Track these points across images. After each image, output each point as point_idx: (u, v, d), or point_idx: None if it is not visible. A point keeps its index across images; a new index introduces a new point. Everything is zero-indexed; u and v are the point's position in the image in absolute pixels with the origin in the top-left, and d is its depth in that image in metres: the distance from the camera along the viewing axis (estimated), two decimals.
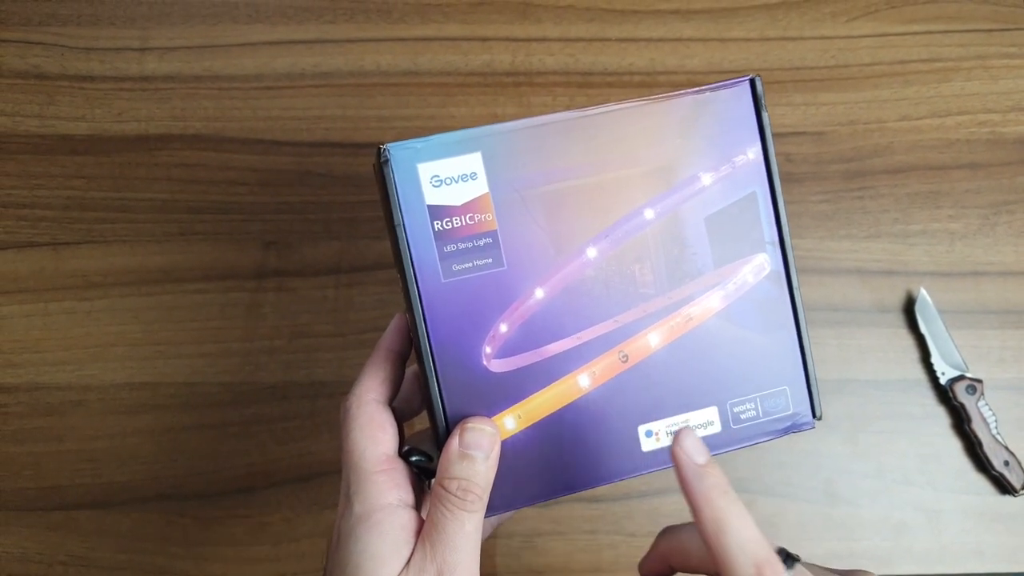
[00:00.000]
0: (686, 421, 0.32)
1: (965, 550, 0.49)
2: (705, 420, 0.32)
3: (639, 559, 0.34)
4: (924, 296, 0.51)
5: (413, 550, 0.29)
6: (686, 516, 0.47)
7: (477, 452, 0.29)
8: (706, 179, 0.31)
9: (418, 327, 0.30)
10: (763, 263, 0.32)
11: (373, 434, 0.30)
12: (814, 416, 0.33)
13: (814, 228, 0.53)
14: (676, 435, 0.28)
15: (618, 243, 0.31)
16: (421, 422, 0.36)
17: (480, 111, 0.55)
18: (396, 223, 0.29)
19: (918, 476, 0.50)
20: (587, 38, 0.56)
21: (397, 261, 0.30)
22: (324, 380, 0.51)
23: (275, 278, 0.52)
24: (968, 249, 0.53)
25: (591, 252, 0.31)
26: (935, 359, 0.50)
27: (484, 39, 0.56)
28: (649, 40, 0.56)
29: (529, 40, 0.56)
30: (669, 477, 0.49)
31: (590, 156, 0.31)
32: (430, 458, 0.32)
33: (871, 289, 0.52)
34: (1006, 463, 0.49)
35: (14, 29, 0.56)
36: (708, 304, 0.32)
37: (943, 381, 0.50)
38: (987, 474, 0.50)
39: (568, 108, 0.53)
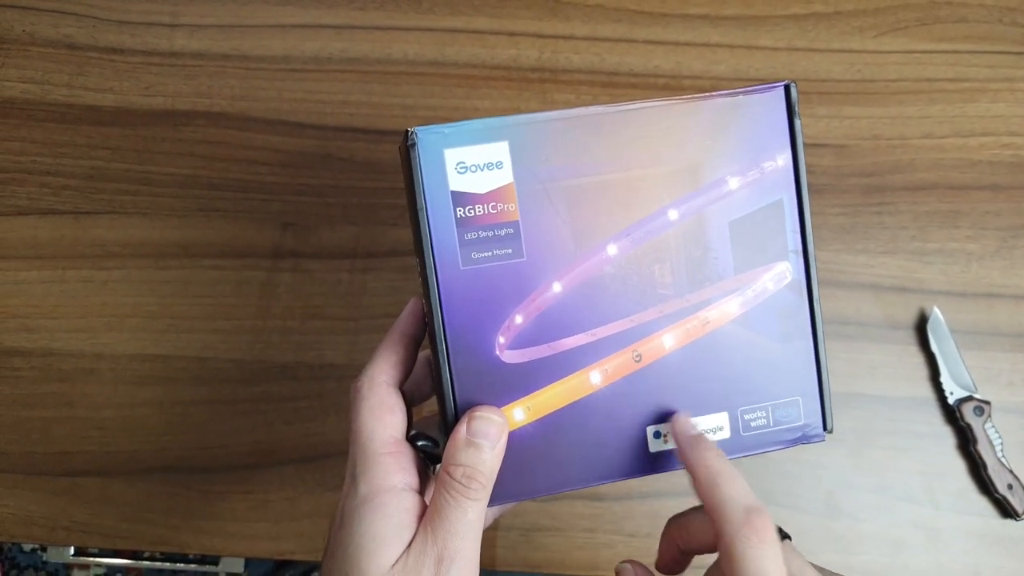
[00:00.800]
0: (695, 425, 0.32)
1: (963, 571, 0.49)
2: (715, 425, 0.32)
3: (638, 560, 0.34)
4: (937, 315, 0.51)
5: (415, 534, 0.29)
6: None
7: (484, 441, 0.29)
8: (733, 183, 0.31)
9: (433, 312, 0.30)
10: (785, 271, 0.32)
11: (382, 416, 0.31)
12: (825, 429, 0.33)
13: (831, 241, 0.53)
14: (673, 417, 0.30)
15: (639, 242, 0.31)
16: (429, 407, 0.36)
17: (504, 105, 0.55)
18: (419, 207, 0.29)
19: (920, 494, 0.50)
20: (614, 38, 0.56)
21: (417, 245, 0.30)
22: (334, 363, 0.51)
23: (291, 259, 0.52)
24: (984, 271, 0.53)
25: (611, 249, 0.31)
26: (944, 378, 0.50)
27: (512, 34, 0.56)
28: (676, 44, 0.56)
29: (556, 37, 0.56)
30: (671, 479, 0.49)
31: (617, 152, 0.30)
32: (436, 443, 0.32)
33: (884, 305, 0.52)
34: (1010, 487, 0.49)
35: None
36: (726, 309, 0.32)
37: (951, 401, 0.50)
38: (990, 496, 0.49)
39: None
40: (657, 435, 0.32)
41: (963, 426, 0.50)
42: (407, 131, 0.29)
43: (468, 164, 0.29)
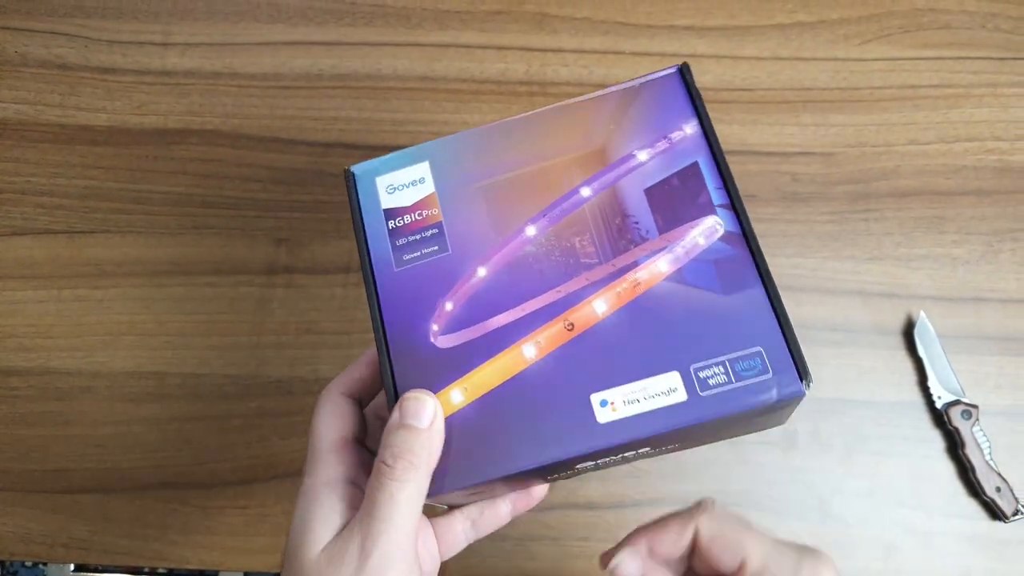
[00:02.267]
0: (644, 388, 0.30)
1: (954, 574, 0.49)
2: (667, 387, 0.30)
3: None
4: (924, 320, 0.52)
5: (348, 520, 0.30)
6: None
7: (415, 421, 0.29)
8: (642, 155, 0.33)
9: (373, 315, 0.32)
10: (715, 225, 0.32)
11: (332, 420, 0.33)
12: (801, 380, 0.30)
13: (818, 248, 0.54)
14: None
15: (556, 220, 0.33)
16: None
17: (493, 118, 0.55)
18: (359, 227, 0.34)
19: (910, 498, 0.50)
20: (601, 51, 0.57)
21: (361, 262, 0.34)
22: (329, 377, 0.51)
23: (285, 275, 0.53)
24: (970, 275, 0.54)
25: (530, 230, 0.33)
26: (932, 383, 0.51)
27: (500, 48, 0.57)
28: (663, 55, 0.57)
29: (544, 50, 0.57)
30: (662, 487, 0.49)
31: (526, 151, 0.34)
32: None
33: (872, 311, 0.53)
34: (998, 489, 0.49)
35: (40, 19, 0.57)
36: (656, 268, 0.31)
37: (939, 405, 0.51)
38: (979, 499, 0.50)
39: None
40: (604, 403, 0.30)
41: (951, 430, 0.50)
42: (346, 169, 0.35)
43: (396, 185, 0.34)
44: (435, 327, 0.32)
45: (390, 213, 0.34)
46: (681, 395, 0.30)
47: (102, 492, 0.50)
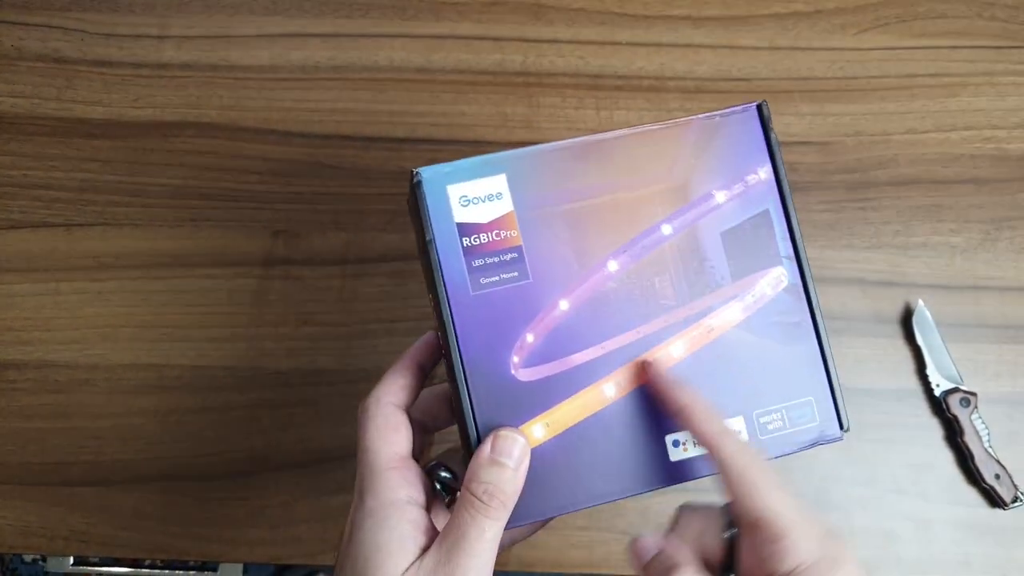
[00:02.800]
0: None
1: (953, 561, 0.49)
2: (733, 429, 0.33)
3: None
4: (922, 308, 0.52)
5: (425, 548, 0.29)
6: None
7: (507, 459, 0.30)
8: (720, 197, 0.33)
9: (449, 340, 0.31)
10: (780, 276, 0.33)
11: (387, 435, 0.32)
12: (841, 428, 0.34)
13: (816, 237, 0.54)
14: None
15: (638, 257, 0.32)
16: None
17: (490, 109, 0.56)
18: (428, 239, 0.31)
19: (910, 486, 0.50)
20: (598, 41, 0.57)
21: (428, 277, 0.32)
22: (327, 368, 0.52)
23: (283, 266, 0.53)
24: (968, 263, 0.54)
25: (612, 265, 0.32)
26: (931, 371, 0.51)
27: (497, 39, 0.57)
28: (659, 45, 0.57)
29: (540, 41, 0.57)
30: None
31: (607, 177, 0.32)
32: (455, 476, 0.34)
33: (870, 299, 0.53)
34: (997, 476, 0.49)
35: (36, 13, 0.57)
36: (728, 316, 0.33)
37: (938, 393, 0.51)
38: (978, 486, 0.50)
39: (585, 131, 0.53)
40: (676, 444, 0.32)
41: (950, 418, 0.50)
42: (412, 171, 0.31)
43: (470, 197, 0.31)
44: (516, 359, 0.31)
45: (464, 229, 0.31)
46: (744, 437, 0.32)
47: (101, 484, 0.50)
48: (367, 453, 0.31)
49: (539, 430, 0.31)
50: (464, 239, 0.31)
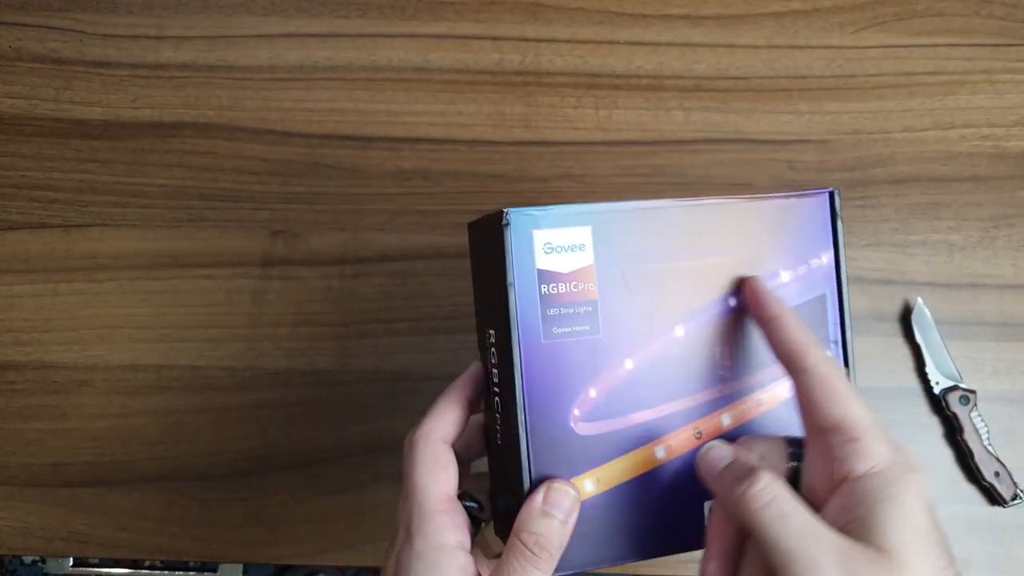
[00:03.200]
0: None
1: None
2: None
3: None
4: (921, 306, 0.52)
5: None
6: None
7: (558, 512, 0.30)
8: (785, 276, 0.34)
9: (515, 384, 0.31)
10: None
11: (437, 473, 0.32)
12: None
13: None
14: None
15: (704, 325, 0.33)
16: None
17: (488, 109, 0.56)
18: (509, 282, 0.31)
19: None
20: (596, 40, 0.57)
21: (498, 317, 0.31)
22: (326, 368, 0.51)
23: (281, 266, 0.53)
24: (967, 261, 0.54)
25: (679, 331, 0.33)
26: (930, 369, 0.51)
27: (494, 38, 0.57)
28: (657, 44, 0.57)
29: (539, 40, 0.57)
30: None
31: (686, 241, 0.33)
32: (481, 507, 0.34)
33: (869, 297, 0.53)
34: (996, 474, 0.49)
35: (34, 14, 0.57)
36: (777, 392, 0.34)
37: (937, 391, 0.51)
38: (977, 484, 0.50)
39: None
40: (713, 508, 0.33)
41: (949, 415, 0.50)
42: (500, 212, 0.31)
43: (554, 245, 0.31)
44: (577, 412, 0.31)
45: (544, 276, 0.31)
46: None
47: (100, 485, 0.50)
48: (416, 491, 0.31)
49: (589, 484, 0.32)
50: (543, 286, 0.31)
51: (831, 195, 0.35)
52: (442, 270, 0.53)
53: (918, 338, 0.51)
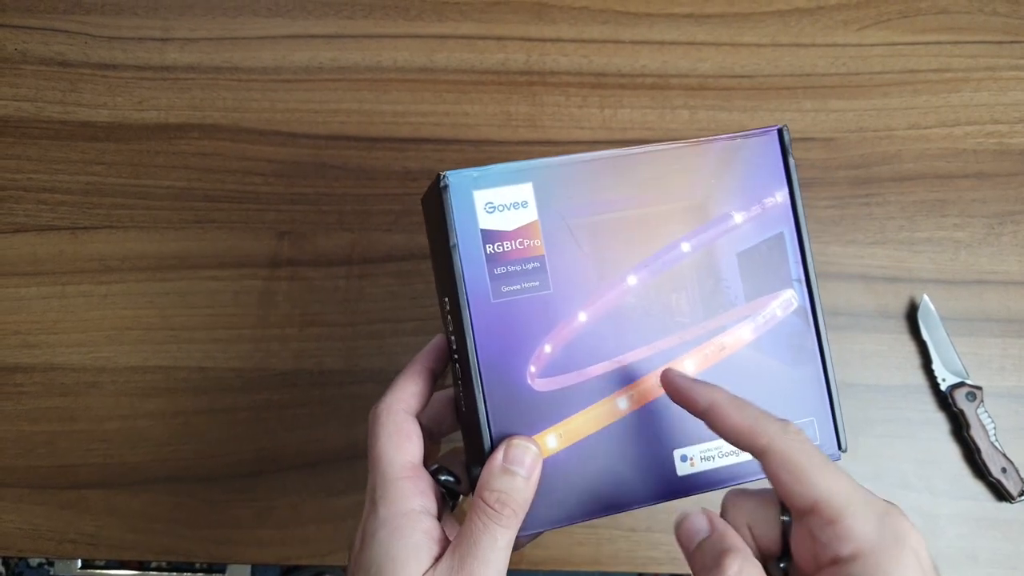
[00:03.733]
0: (718, 447, 0.33)
1: (961, 555, 0.49)
2: (735, 448, 0.32)
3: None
4: (927, 303, 0.52)
5: (438, 557, 0.29)
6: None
7: (519, 468, 0.30)
8: (738, 218, 0.34)
9: (467, 346, 0.31)
10: (791, 299, 0.34)
11: (400, 442, 0.32)
12: (840, 449, 0.35)
13: (820, 233, 0.54)
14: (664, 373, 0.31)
15: (657, 273, 0.33)
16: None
17: (493, 109, 0.56)
18: (452, 244, 0.31)
19: (916, 481, 0.50)
20: (601, 40, 0.57)
21: (447, 282, 0.32)
22: (333, 369, 0.52)
23: (288, 267, 0.53)
24: (972, 258, 0.54)
25: (632, 280, 0.33)
26: (936, 365, 0.51)
27: (499, 38, 0.57)
28: (662, 43, 0.57)
29: (543, 40, 0.57)
30: None
31: (632, 191, 0.33)
32: (458, 480, 0.34)
33: (875, 294, 0.53)
34: (1004, 470, 0.49)
35: (39, 17, 0.57)
36: (740, 335, 0.33)
37: (943, 387, 0.51)
38: (984, 480, 0.50)
39: (611, 146, 0.54)
40: (684, 459, 0.33)
41: (956, 412, 0.50)
42: (438, 175, 0.31)
43: (496, 204, 0.31)
44: (533, 368, 0.31)
45: (488, 236, 0.31)
46: (746, 455, 0.33)
47: (109, 487, 0.50)
48: (380, 461, 0.31)
49: (552, 440, 0.31)
50: (487, 246, 0.31)
51: (780, 131, 0.34)
52: None
53: (924, 335, 0.51)
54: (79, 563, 0.84)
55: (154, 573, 0.86)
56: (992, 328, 0.52)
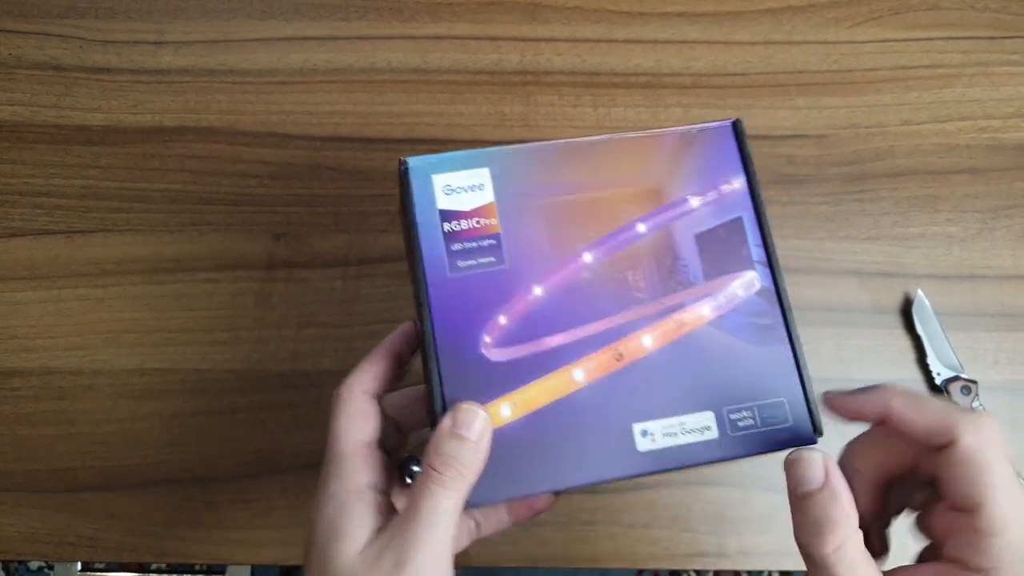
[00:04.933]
0: (681, 424, 0.32)
1: None
2: (702, 425, 0.33)
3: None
4: (921, 298, 0.52)
5: (385, 524, 0.30)
6: (682, 509, 0.48)
7: (467, 432, 0.30)
8: (694, 202, 0.34)
9: (423, 317, 0.32)
10: (753, 280, 0.34)
11: (356, 421, 0.32)
12: (815, 432, 0.34)
13: (814, 229, 0.54)
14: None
15: (612, 251, 0.33)
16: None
17: (487, 109, 0.56)
18: (412, 222, 0.32)
19: None
20: (594, 39, 0.57)
21: (409, 257, 0.32)
22: (331, 369, 0.52)
23: (284, 269, 0.53)
24: (966, 253, 0.54)
25: (586, 257, 0.33)
26: (931, 360, 0.51)
27: (493, 38, 0.57)
28: (655, 42, 0.57)
29: (537, 40, 0.57)
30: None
31: (586, 176, 0.34)
32: None
33: (869, 290, 0.53)
34: None
35: (33, 21, 0.57)
36: (699, 312, 0.33)
37: (939, 382, 0.51)
38: None
39: (582, 130, 0.54)
40: (645, 433, 0.32)
41: None
42: (400, 160, 0.33)
43: (454, 187, 0.33)
44: (487, 339, 0.32)
45: (446, 215, 0.33)
46: (713, 433, 0.32)
47: (107, 490, 0.50)
48: (335, 438, 0.32)
49: (506, 409, 0.31)
50: (445, 224, 0.33)
51: (735, 124, 0.35)
52: None
53: (919, 330, 0.52)
54: (78, 566, 0.84)
55: (154, 575, 0.87)
56: (986, 322, 0.53)
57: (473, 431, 0.30)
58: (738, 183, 0.35)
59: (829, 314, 0.53)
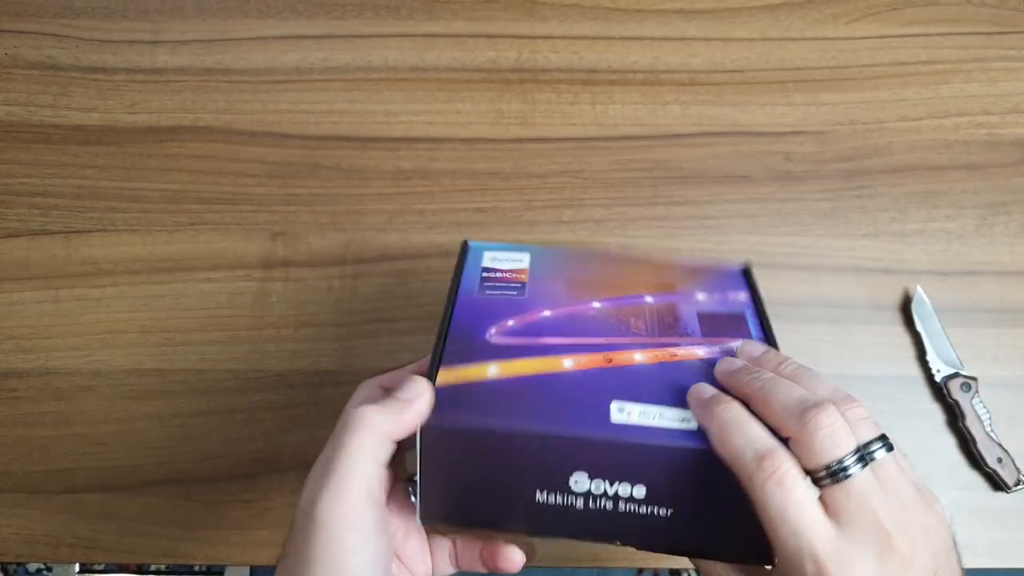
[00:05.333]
0: (660, 412, 0.32)
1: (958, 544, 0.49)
2: (681, 417, 0.32)
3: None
4: (920, 294, 0.52)
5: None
6: None
7: (404, 392, 0.31)
8: (701, 296, 0.39)
9: (446, 314, 0.36)
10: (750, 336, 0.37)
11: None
12: None
13: (813, 226, 0.54)
14: (690, 389, 0.32)
15: (620, 304, 0.38)
16: None
17: (485, 107, 0.56)
18: (457, 281, 0.39)
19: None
20: (591, 36, 0.57)
21: (448, 301, 0.37)
22: (329, 369, 0.52)
23: (282, 268, 0.53)
24: (965, 249, 0.54)
25: (595, 304, 0.38)
26: (930, 356, 0.51)
27: (490, 36, 0.57)
28: (652, 39, 0.57)
29: (534, 38, 0.57)
30: None
31: (610, 273, 0.41)
32: None
33: (868, 287, 0.53)
34: (999, 460, 0.49)
35: (29, 21, 0.57)
36: (693, 351, 0.35)
37: (938, 378, 0.51)
38: (980, 471, 0.50)
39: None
40: (621, 409, 0.32)
41: (951, 403, 0.50)
42: (464, 241, 0.41)
43: (499, 258, 0.41)
44: (494, 330, 0.36)
45: (487, 270, 0.40)
46: (692, 425, 0.32)
47: (105, 491, 0.50)
48: (350, 415, 0.32)
49: (493, 369, 0.33)
50: (484, 274, 0.40)
51: (745, 271, 0.40)
52: (443, 268, 0.53)
53: (918, 326, 0.52)
54: (77, 567, 0.83)
55: (152, 575, 0.86)
56: (986, 318, 0.53)
57: (409, 389, 0.31)
58: (743, 296, 0.39)
59: (828, 311, 0.53)
